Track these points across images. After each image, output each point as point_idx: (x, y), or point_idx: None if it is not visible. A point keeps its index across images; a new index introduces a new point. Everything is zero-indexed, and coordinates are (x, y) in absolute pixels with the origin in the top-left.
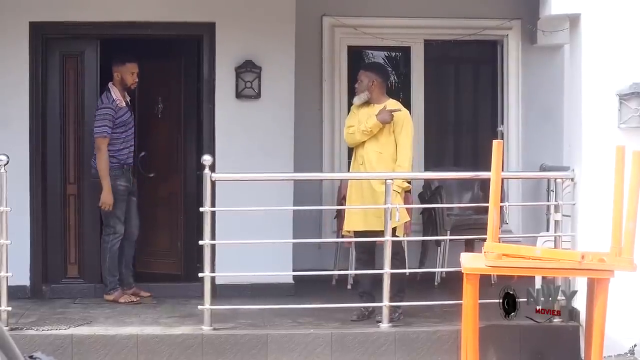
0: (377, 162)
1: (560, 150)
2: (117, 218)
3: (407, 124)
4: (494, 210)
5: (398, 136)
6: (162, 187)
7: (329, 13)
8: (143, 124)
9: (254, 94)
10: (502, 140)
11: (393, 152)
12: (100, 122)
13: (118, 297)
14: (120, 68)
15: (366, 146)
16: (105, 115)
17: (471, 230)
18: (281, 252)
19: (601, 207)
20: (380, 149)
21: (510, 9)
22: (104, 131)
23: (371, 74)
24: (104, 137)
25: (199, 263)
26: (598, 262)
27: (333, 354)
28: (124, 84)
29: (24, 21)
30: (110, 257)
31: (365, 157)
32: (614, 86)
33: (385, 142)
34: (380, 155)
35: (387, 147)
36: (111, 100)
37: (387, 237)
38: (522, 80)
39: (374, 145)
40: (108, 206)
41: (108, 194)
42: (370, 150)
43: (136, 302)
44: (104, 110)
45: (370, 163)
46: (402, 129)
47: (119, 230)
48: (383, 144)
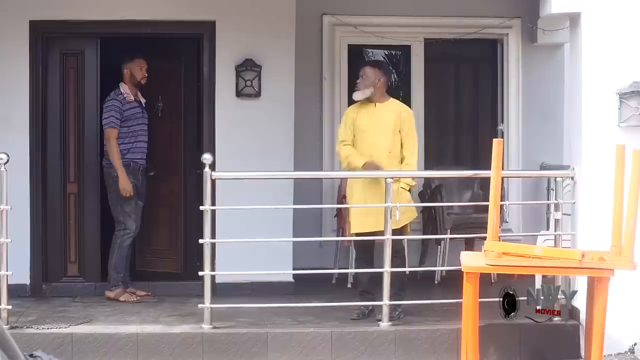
0: (387, 161)
1: (561, 148)
2: (127, 214)
3: (413, 124)
4: (494, 209)
5: (405, 137)
6: (163, 186)
7: (329, 12)
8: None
9: (254, 93)
10: (502, 139)
11: (399, 152)
12: (106, 114)
13: (119, 295)
14: (129, 64)
15: (376, 144)
16: (111, 106)
17: (471, 229)
18: (281, 250)
19: (601, 205)
20: (390, 147)
21: (510, 7)
22: (111, 122)
23: (378, 70)
24: (112, 128)
25: (199, 262)
26: (598, 260)
27: (333, 352)
28: (134, 80)
29: (24, 20)
30: (119, 253)
31: (374, 155)
32: (614, 85)
33: (393, 140)
34: (389, 154)
35: (395, 146)
36: (118, 94)
37: (388, 235)
38: (522, 79)
39: (384, 142)
40: (128, 192)
41: (125, 181)
42: (381, 149)
43: (136, 301)
44: (109, 102)
45: (380, 161)
46: (410, 129)
47: (130, 227)
48: (393, 143)
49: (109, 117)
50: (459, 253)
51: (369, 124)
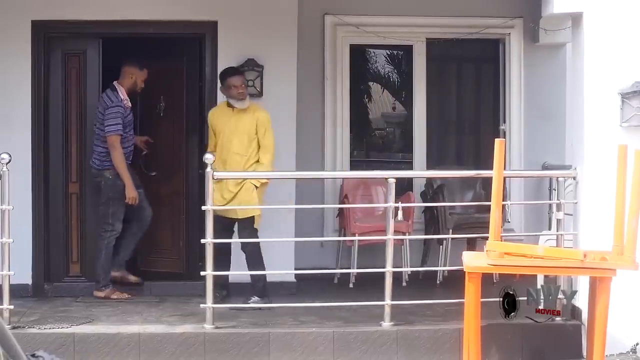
0: (231, 161)
1: (563, 148)
2: (117, 217)
3: (270, 126)
4: (496, 208)
5: (262, 138)
6: (165, 186)
7: (331, 11)
8: (145, 123)
9: (256, 93)
10: (504, 138)
11: (256, 154)
12: (113, 121)
13: (110, 294)
14: (137, 72)
15: (231, 147)
16: (117, 113)
17: (473, 229)
18: (283, 250)
19: (603, 205)
20: (244, 151)
21: (512, 7)
22: (118, 129)
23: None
24: (118, 135)
25: (201, 262)
26: (600, 260)
27: (335, 352)
28: (134, 87)
29: (26, 20)
30: (106, 254)
31: (228, 157)
32: (616, 85)
33: (248, 144)
34: (236, 155)
35: (250, 149)
36: (120, 100)
37: (389, 235)
38: (524, 78)
39: (238, 147)
40: (134, 200)
41: (131, 189)
42: (233, 152)
43: (127, 298)
44: (115, 108)
45: (232, 163)
46: (266, 131)
47: (117, 228)
48: (246, 147)
49: (115, 125)
50: (461, 253)
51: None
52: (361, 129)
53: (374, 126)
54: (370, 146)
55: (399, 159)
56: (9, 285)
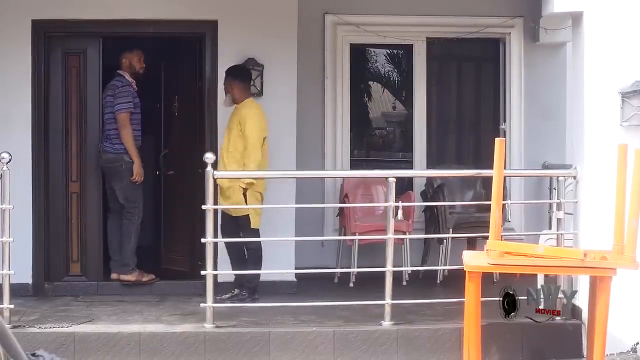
0: (228, 160)
1: (563, 148)
2: (139, 196)
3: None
4: (496, 208)
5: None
6: (178, 184)
7: (331, 11)
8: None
9: (257, 92)
10: (504, 138)
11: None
12: (124, 99)
13: (140, 277)
14: (128, 54)
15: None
16: (127, 92)
17: (473, 228)
18: (283, 249)
19: (603, 205)
20: (232, 149)
21: (512, 6)
22: (129, 107)
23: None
24: (128, 112)
25: (201, 261)
26: (600, 260)
27: (335, 351)
28: (132, 69)
29: (26, 19)
30: (135, 237)
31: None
32: (617, 84)
33: (234, 142)
34: (230, 153)
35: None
36: (129, 82)
37: (390, 234)
38: (524, 78)
39: (226, 144)
40: (140, 176)
41: (139, 167)
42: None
43: (154, 280)
44: (125, 87)
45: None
46: (246, 127)
47: (141, 209)
48: (234, 145)
49: (126, 103)
50: (461, 252)
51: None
52: (361, 129)
53: (374, 125)
54: (370, 145)
55: (399, 159)
56: (9, 284)
